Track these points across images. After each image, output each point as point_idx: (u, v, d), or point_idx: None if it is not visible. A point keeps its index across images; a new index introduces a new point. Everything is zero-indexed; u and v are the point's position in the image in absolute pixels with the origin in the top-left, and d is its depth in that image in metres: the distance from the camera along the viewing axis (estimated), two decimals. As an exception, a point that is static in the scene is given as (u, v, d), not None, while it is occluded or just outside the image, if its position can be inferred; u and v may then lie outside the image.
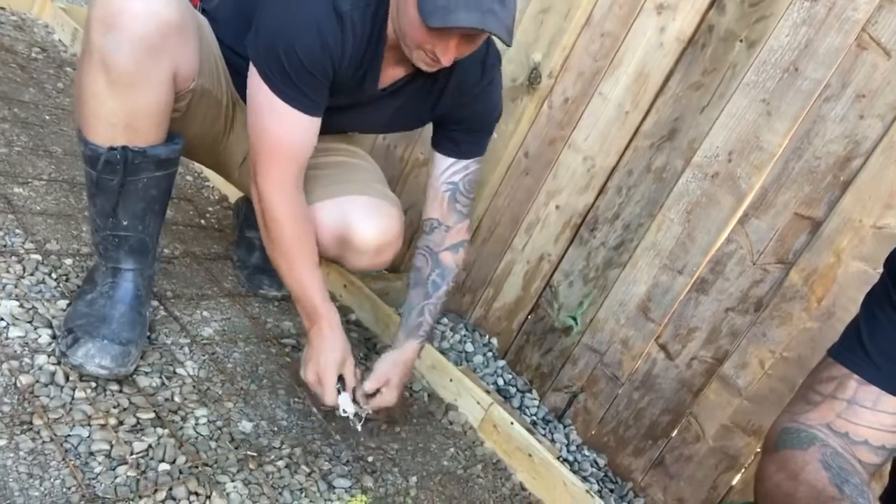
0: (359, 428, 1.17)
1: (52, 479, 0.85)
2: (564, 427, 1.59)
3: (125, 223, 1.07)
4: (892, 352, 0.74)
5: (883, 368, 0.75)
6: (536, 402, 1.63)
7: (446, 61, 1.03)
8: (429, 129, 1.37)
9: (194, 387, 1.14)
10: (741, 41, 1.40)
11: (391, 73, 1.20)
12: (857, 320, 0.79)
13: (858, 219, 1.26)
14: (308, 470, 1.09)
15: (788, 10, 1.34)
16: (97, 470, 0.90)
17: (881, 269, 0.80)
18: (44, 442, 0.90)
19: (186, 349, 1.22)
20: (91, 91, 0.96)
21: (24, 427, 0.91)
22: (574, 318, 1.61)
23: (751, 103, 1.38)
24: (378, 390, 1.21)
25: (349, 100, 1.22)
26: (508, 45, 1.02)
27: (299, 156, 1.14)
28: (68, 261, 1.28)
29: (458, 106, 1.30)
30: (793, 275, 1.33)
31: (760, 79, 1.37)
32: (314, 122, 1.12)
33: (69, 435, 0.93)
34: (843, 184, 1.28)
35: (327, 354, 1.15)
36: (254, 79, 1.09)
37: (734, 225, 1.40)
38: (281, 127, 1.09)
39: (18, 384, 0.97)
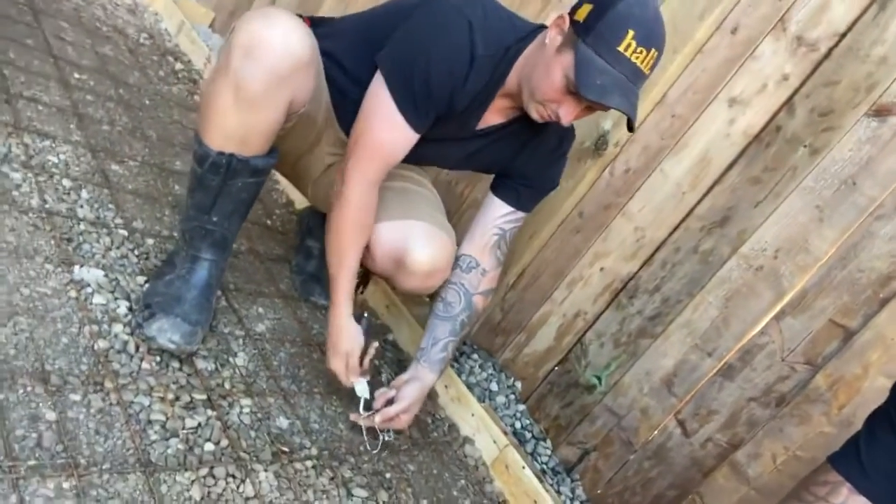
0: (362, 412, 1.29)
1: (114, 439, 0.95)
2: (572, 481, 1.64)
3: (215, 219, 1.19)
4: (884, 468, 0.83)
5: (874, 481, 0.83)
6: (549, 452, 1.68)
7: (566, 122, 1.17)
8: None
9: (243, 377, 1.24)
10: (805, 146, 1.46)
11: (491, 118, 1.32)
12: (858, 434, 0.87)
13: (891, 336, 1.30)
14: (331, 475, 1.17)
15: (855, 126, 1.40)
16: (153, 438, 1.00)
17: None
18: (111, 404, 1.00)
19: (241, 341, 1.32)
20: (218, 104, 1.08)
21: (97, 388, 1.01)
22: (599, 378, 1.67)
23: (805, 207, 1.43)
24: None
25: (445, 134, 1.32)
26: (632, 132, 1.18)
27: (389, 160, 1.25)
28: (150, 240, 1.41)
29: (531, 165, 1.41)
30: (819, 378, 1.37)
31: (818, 186, 1.43)
32: (412, 138, 1.23)
33: (132, 402, 1.03)
34: (882, 300, 1.33)
35: (336, 343, 1.28)
36: (376, 84, 1.20)
37: (769, 319, 1.45)
38: (386, 131, 1.20)
39: (96, 347, 1.08)
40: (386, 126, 1.20)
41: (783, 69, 1.50)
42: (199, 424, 1.07)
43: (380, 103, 1.19)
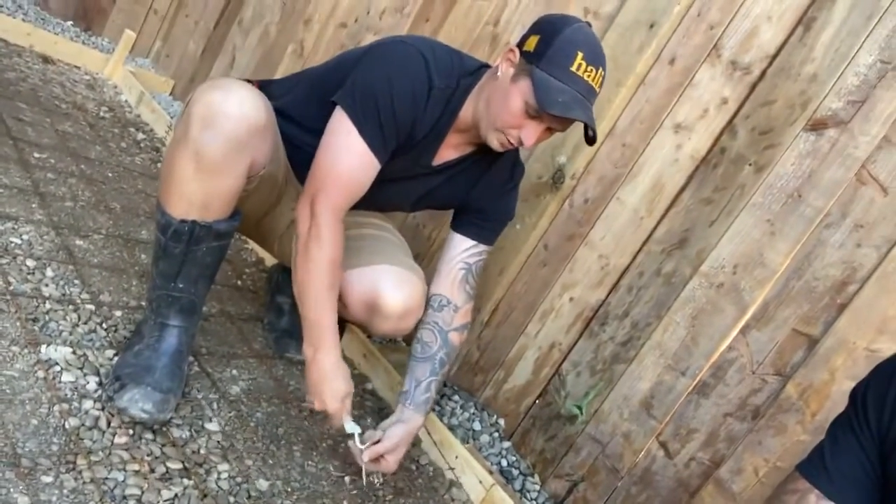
0: (360, 445, 1.26)
1: (89, 518, 0.94)
2: (562, 514, 1.63)
3: (181, 286, 1.20)
4: (848, 472, 0.87)
5: (839, 486, 0.87)
6: (537, 487, 1.68)
7: (528, 144, 1.23)
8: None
9: (219, 442, 1.23)
10: (750, 165, 1.52)
11: (446, 153, 1.37)
12: (823, 441, 0.90)
13: (853, 341, 1.34)
14: (316, 532, 1.16)
15: (795, 141, 1.46)
16: (129, 513, 0.98)
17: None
18: (84, 482, 0.99)
19: (215, 405, 1.32)
20: (179, 173, 1.11)
21: (69, 466, 1.00)
22: (579, 408, 1.68)
23: (756, 223, 1.48)
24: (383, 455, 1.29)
25: (402, 171, 1.36)
26: (592, 144, 1.26)
27: (355, 191, 1.26)
28: (118, 312, 1.40)
29: (485, 198, 1.45)
30: (789, 387, 1.39)
31: (766, 201, 1.48)
32: (376, 167, 1.25)
33: (107, 478, 1.02)
34: (840, 306, 1.37)
35: (333, 385, 1.25)
36: (336, 119, 1.23)
37: (736, 334, 1.48)
38: (351, 159, 1.22)
39: (67, 426, 1.07)
40: (349, 156, 1.22)
41: (721, 93, 1.57)
42: (176, 495, 1.06)
43: (343, 135, 1.22)
